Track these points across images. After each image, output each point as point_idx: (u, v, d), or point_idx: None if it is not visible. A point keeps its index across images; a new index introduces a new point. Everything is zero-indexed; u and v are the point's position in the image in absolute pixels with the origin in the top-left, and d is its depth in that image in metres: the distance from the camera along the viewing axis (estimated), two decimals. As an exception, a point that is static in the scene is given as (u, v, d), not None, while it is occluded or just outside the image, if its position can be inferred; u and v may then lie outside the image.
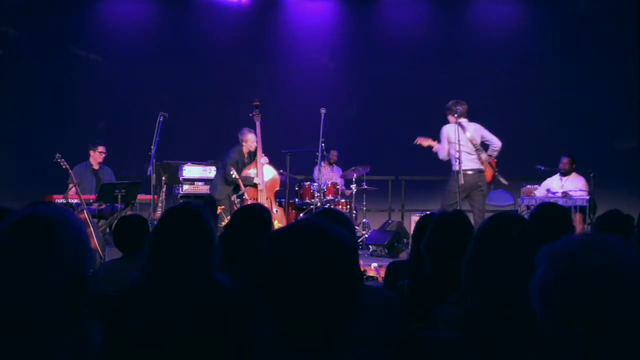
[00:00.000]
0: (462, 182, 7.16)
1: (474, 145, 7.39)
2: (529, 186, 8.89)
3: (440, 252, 2.61)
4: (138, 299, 2.05)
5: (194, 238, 2.10)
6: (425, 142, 7.62)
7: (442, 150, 7.46)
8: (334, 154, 9.60)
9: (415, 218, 8.57)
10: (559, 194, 8.51)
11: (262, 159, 8.05)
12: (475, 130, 7.47)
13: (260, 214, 3.19)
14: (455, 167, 7.29)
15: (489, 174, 7.50)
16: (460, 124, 7.35)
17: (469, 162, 7.33)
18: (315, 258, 1.46)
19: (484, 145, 7.56)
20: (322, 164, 8.93)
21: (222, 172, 8.01)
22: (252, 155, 8.14)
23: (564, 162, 8.82)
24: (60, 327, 1.56)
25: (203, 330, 1.97)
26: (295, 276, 1.45)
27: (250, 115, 8.09)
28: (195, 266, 2.07)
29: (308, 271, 1.46)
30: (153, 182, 7.51)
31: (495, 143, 7.49)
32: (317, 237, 1.50)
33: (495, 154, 7.54)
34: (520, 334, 1.84)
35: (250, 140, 8.07)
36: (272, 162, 8.32)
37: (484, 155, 7.43)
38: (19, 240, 1.52)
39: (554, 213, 3.16)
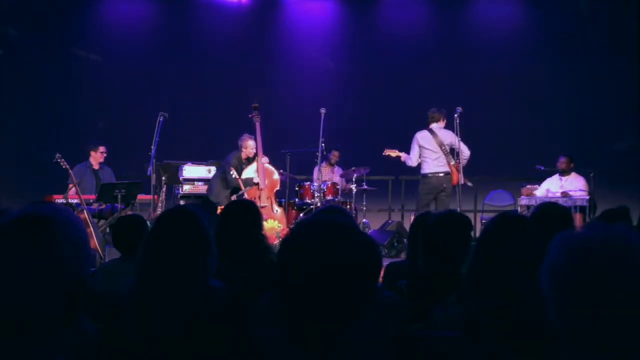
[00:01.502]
0: (429, 184, 7.76)
1: (442, 150, 7.79)
2: (529, 186, 8.88)
3: (435, 252, 2.61)
4: (132, 303, 2.03)
5: (188, 242, 2.05)
6: (392, 152, 8.08)
7: (410, 157, 7.93)
8: (335, 155, 9.58)
9: (415, 218, 8.55)
10: (559, 194, 8.51)
11: (263, 159, 8.07)
12: (445, 137, 7.85)
13: (251, 208, 3.33)
14: (423, 171, 7.85)
15: (454, 177, 7.81)
16: (431, 130, 7.87)
17: (434, 166, 7.79)
18: (339, 257, 1.46)
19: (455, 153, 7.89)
20: (323, 164, 8.93)
21: (221, 175, 8.01)
22: (251, 161, 8.16)
23: (562, 161, 8.81)
24: (59, 327, 1.56)
25: (195, 336, 1.96)
26: (317, 276, 1.45)
27: (250, 116, 8.12)
28: (187, 271, 2.02)
29: (330, 271, 1.46)
30: (153, 182, 7.51)
31: (465, 152, 7.82)
32: (341, 236, 1.50)
33: (464, 162, 7.85)
34: (520, 334, 1.84)
35: (250, 147, 8.09)
36: (272, 162, 8.32)
37: (450, 160, 7.79)
38: (17, 239, 1.52)
39: (554, 213, 3.16)
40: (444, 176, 7.76)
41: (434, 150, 7.78)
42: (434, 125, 7.90)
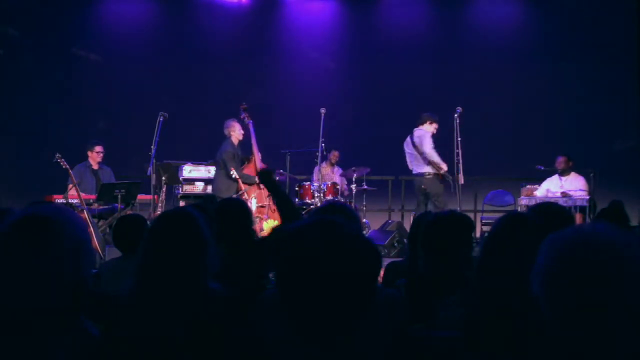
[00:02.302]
0: (414, 185, 8.22)
1: (417, 151, 8.09)
2: (529, 186, 8.89)
3: (435, 251, 2.61)
4: (131, 303, 2.03)
5: (185, 245, 2.06)
6: None
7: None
8: (334, 155, 9.58)
9: (415, 218, 8.56)
10: (559, 194, 8.52)
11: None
12: (417, 137, 8.15)
13: (241, 205, 3.46)
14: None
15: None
16: (411, 133, 8.20)
17: (415, 167, 8.19)
18: (343, 257, 1.46)
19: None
20: (323, 164, 8.93)
21: (224, 170, 7.98)
22: (240, 145, 8.18)
23: (560, 161, 8.82)
24: (60, 327, 1.56)
25: (193, 338, 1.96)
26: (321, 275, 1.45)
27: (241, 117, 8.15)
28: (185, 273, 2.03)
29: (334, 270, 1.46)
30: (153, 182, 7.52)
31: (424, 152, 8.04)
32: (344, 237, 1.50)
33: (431, 159, 8.02)
34: (521, 334, 1.84)
35: (238, 129, 8.14)
36: (272, 162, 8.32)
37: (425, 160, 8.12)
38: (20, 240, 1.52)
39: (552, 213, 3.15)
40: (421, 177, 8.05)
41: (412, 153, 8.14)
42: (416, 128, 8.19)
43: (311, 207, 8.42)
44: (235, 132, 8.11)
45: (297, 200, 8.80)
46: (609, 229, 1.30)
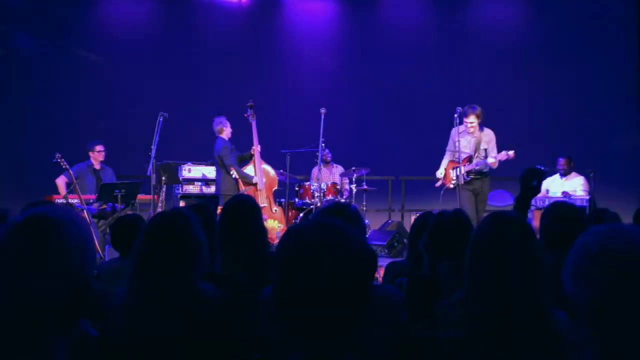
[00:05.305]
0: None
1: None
2: (529, 186, 8.86)
3: (439, 251, 2.61)
4: (125, 306, 2.04)
5: (176, 246, 2.05)
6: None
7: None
8: (325, 154, 9.54)
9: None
10: (559, 194, 8.52)
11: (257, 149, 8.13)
12: None
13: (248, 202, 3.39)
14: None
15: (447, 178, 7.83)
16: None
17: None
18: (337, 260, 1.46)
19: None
20: (322, 164, 8.94)
21: (224, 169, 7.98)
22: (248, 160, 8.19)
23: (561, 162, 8.83)
24: (60, 328, 1.56)
25: (187, 339, 1.96)
26: (316, 277, 1.45)
27: (245, 115, 8.14)
28: (175, 274, 2.02)
29: (327, 271, 1.45)
30: (153, 182, 7.51)
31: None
32: (338, 239, 1.50)
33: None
34: (519, 334, 1.84)
35: (228, 125, 8.14)
36: (272, 162, 8.32)
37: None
38: (21, 241, 1.52)
39: (570, 215, 3.14)
40: None
41: None
42: None
43: (311, 207, 8.41)
44: (227, 129, 8.13)
45: (297, 200, 8.80)
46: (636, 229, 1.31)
